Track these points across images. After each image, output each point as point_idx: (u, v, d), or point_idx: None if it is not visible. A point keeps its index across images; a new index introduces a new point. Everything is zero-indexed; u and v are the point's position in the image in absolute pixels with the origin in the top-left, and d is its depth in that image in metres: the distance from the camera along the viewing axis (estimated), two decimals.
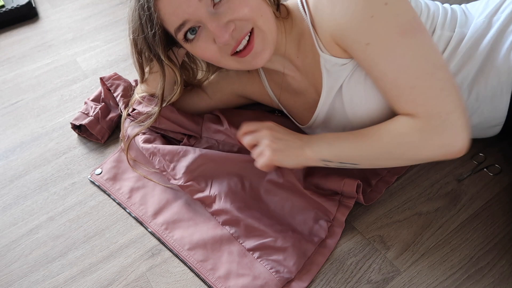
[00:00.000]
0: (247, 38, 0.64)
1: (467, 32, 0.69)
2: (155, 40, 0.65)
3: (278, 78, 0.80)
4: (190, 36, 0.64)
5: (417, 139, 0.61)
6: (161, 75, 0.74)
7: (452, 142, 0.60)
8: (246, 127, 0.74)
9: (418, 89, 0.60)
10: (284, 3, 0.71)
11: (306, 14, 0.66)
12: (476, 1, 0.77)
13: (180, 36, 0.65)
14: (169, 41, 0.69)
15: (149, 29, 0.64)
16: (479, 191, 0.77)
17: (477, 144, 0.82)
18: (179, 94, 0.78)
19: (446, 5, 0.74)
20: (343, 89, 0.70)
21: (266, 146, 0.70)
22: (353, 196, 0.74)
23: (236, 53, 0.65)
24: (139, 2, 0.63)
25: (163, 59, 0.69)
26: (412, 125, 0.61)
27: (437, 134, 0.60)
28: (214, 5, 0.61)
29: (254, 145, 0.73)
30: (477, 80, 0.68)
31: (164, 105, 0.80)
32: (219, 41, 0.62)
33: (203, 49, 0.66)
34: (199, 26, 0.63)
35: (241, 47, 0.64)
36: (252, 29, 0.64)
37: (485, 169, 0.80)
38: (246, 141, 0.73)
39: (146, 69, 0.78)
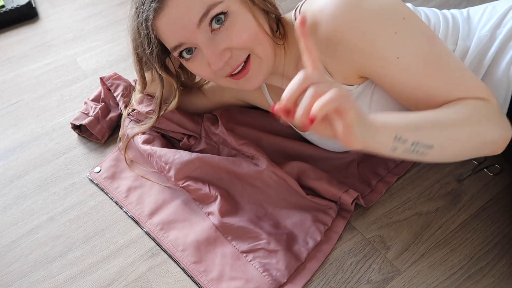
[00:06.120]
0: (243, 63, 0.64)
1: (470, 45, 0.67)
2: (152, 56, 0.66)
3: (278, 91, 0.80)
4: (186, 55, 0.64)
5: (491, 112, 0.57)
6: (160, 83, 0.74)
7: (506, 131, 0.58)
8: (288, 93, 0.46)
9: (464, 78, 0.58)
10: (282, 18, 0.69)
11: None
12: (480, 5, 0.74)
13: (176, 54, 0.65)
14: (167, 50, 0.68)
15: (146, 45, 0.65)
16: (479, 191, 0.77)
17: None
18: (177, 103, 0.77)
19: (447, 13, 0.72)
20: None
21: (344, 109, 0.44)
22: (349, 210, 0.75)
23: (231, 75, 0.65)
24: (137, 18, 0.63)
25: (160, 73, 0.70)
26: (481, 102, 0.58)
27: (500, 113, 0.58)
28: (212, 30, 0.61)
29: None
30: None
31: (162, 113, 0.80)
32: (213, 68, 0.62)
33: (198, 69, 0.66)
34: (195, 48, 0.63)
35: (236, 71, 0.64)
36: (249, 55, 0.63)
37: (485, 169, 0.80)
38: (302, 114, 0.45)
39: (148, 78, 0.78)
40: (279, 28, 0.67)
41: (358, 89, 0.66)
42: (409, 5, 0.68)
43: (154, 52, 0.65)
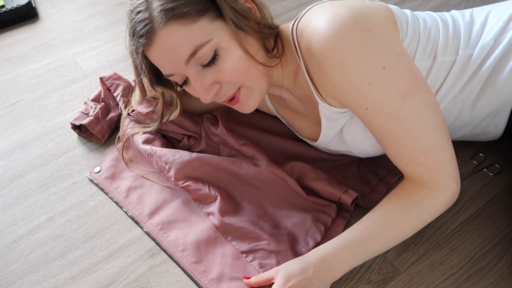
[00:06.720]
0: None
1: (473, 53, 0.65)
2: (146, 78, 0.67)
3: (277, 97, 0.80)
4: (178, 82, 0.66)
5: (427, 202, 0.62)
6: (161, 96, 0.75)
7: (452, 194, 0.62)
8: None
9: (418, 149, 0.60)
10: (280, 27, 0.68)
11: (300, 60, 0.65)
12: (483, 7, 0.72)
13: (168, 79, 0.66)
14: None
15: (139, 69, 0.66)
16: (479, 191, 0.77)
17: (477, 144, 0.82)
18: (179, 113, 0.77)
19: (447, 18, 0.69)
20: (343, 131, 0.70)
21: None
22: (349, 210, 0.75)
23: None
24: (132, 45, 0.64)
25: (157, 90, 0.71)
26: (417, 193, 0.62)
27: (440, 190, 0.61)
28: (203, 66, 0.61)
29: None
30: (479, 98, 0.67)
31: (163, 121, 0.81)
32: (202, 100, 0.64)
33: (193, 93, 0.67)
34: (187, 77, 0.64)
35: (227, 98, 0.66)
36: (239, 87, 0.65)
37: (485, 169, 0.80)
38: None
39: (146, 84, 0.78)
40: (276, 44, 0.67)
41: (350, 112, 0.67)
42: (407, 11, 0.66)
43: (146, 76, 0.67)
